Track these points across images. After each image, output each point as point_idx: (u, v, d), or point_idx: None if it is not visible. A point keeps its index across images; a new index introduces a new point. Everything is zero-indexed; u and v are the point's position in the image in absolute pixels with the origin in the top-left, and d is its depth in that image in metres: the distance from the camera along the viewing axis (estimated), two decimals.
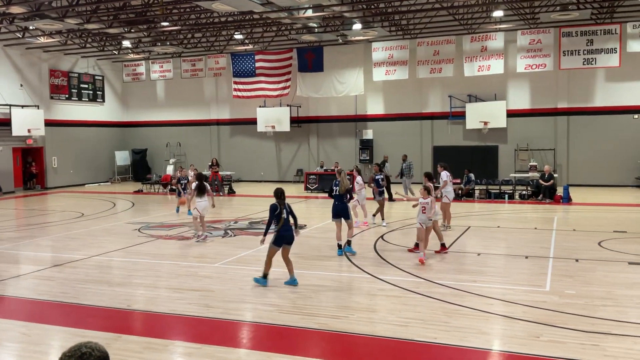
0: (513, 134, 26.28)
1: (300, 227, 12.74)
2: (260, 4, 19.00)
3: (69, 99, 30.42)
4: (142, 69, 31.51)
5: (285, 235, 9.19)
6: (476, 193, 21.89)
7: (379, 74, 26.37)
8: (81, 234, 15.04)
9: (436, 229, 11.68)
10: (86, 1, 19.71)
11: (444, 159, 18.57)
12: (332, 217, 11.96)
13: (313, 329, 7.22)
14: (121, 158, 33.30)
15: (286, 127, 29.05)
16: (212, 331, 7.32)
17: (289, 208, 9.37)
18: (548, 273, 9.85)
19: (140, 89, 33.38)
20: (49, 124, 28.48)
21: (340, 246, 11.70)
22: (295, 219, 9.55)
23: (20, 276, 10.45)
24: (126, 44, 26.81)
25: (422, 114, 27.93)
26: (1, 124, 26.34)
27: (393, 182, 21.81)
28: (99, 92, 32.39)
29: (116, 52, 29.07)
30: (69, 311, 8.26)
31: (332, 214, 11.93)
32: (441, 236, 11.87)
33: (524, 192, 21.62)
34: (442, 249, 11.72)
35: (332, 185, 12.19)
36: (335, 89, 28.03)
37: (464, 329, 7.04)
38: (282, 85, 28.99)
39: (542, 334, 6.86)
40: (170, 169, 29.81)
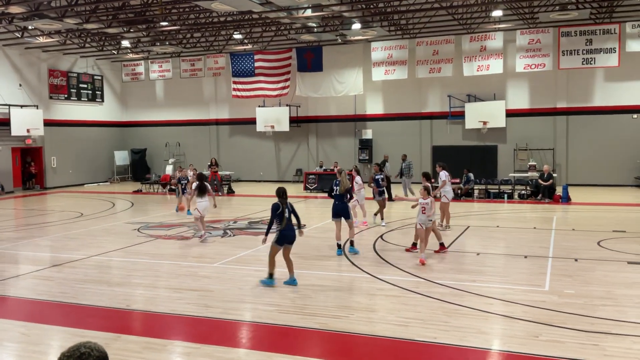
0: (512, 134, 26.29)
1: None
2: (260, 4, 18.99)
3: (68, 98, 30.40)
4: (141, 68, 31.51)
5: (287, 234, 9.19)
6: (475, 193, 21.89)
7: (378, 74, 26.37)
8: (80, 233, 15.04)
9: (434, 228, 11.69)
10: (85, 1, 19.69)
11: (443, 158, 18.56)
12: (332, 216, 11.97)
13: (312, 328, 7.22)
14: (120, 158, 33.29)
15: (285, 127, 29.04)
16: (212, 331, 7.32)
17: (291, 207, 9.36)
18: (547, 273, 9.86)
19: (139, 88, 33.36)
20: (48, 123, 28.47)
21: (340, 246, 11.71)
22: (298, 218, 9.55)
23: (20, 276, 10.44)
24: (125, 43, 26.79)
25: (421, 113, 27.92)
26: (0, 123, 26.32)
27: (393, 182, 21.78)
28: (98, 92, 32.37)
29: (115, 52, 29.06)
30: (68, 311, 8.25)
31: (332, 213, 11.94)
32: (439, 235, 11.88)
33: (523, 192, 21.61)
34: (441, 248, 11.72)
35: (332, 185, 12.19)
36: (335, 88, 28.01)
37: (463, 329, 7.04)
38: (281, 85, 28.98)
39: (541, 333, 6.86)
40: (170, 169, 29.77)
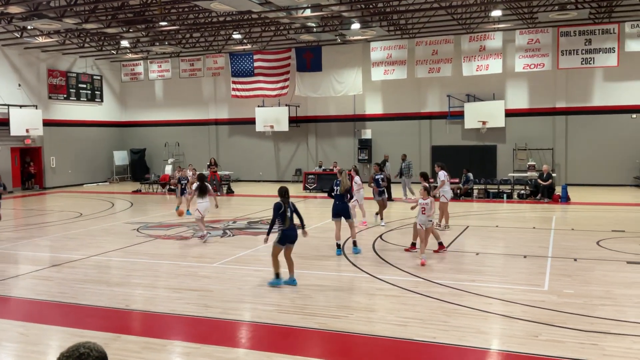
0: (511, 134, 26.30)
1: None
2: (259, 4, 18.98)
3: (67, 98, 30.38)
4: (140, 68, 31.49)
5: (289, 234, 9.17)
6: (475, 192, 21.89)
7: (378, 74, 26.37)
8: (79, 233, 15.03)
9: (432, 229, 11.68)
10: (84, 1, 19.68)
11: (442, 158, 18.57)
12: (332, 216, 11.98)
13: (312, 328, 7.22)
14: (119, 158, 33.27)
15: (285, 126, 29.03)
16: (211, 331, 7.31)
17: (293, 207, 9.34)
18: (546, 272, 9.86)
19: (138, 88, 33.34)
20: (47, 123, 28.46)
21: (339, 246, 11.71)
22: (301, 218, 9.53)
23: (19, 276, 10.44)
24: (124, 43, 26.78)
25: (420, 113, 27.93)
26: None
27: (392, 182, 21.76)
28: (97, 92, 32.35)
29: (114, 52, 29.05)
30: (68, 311, 8.25)
31: (332, 213, 11.96)
32: (437, 235, 11.87)
33: (522, 192, 21.61)
34: (440, 247, 11.72)
35: (332, 185, 12.20)
36: (334, 88, 28.01)
37: (462, 329, 7.04)
38: (280, 85, 28.98)
39: (540, 333, 6.86)
40: (169, 169, 29.75)
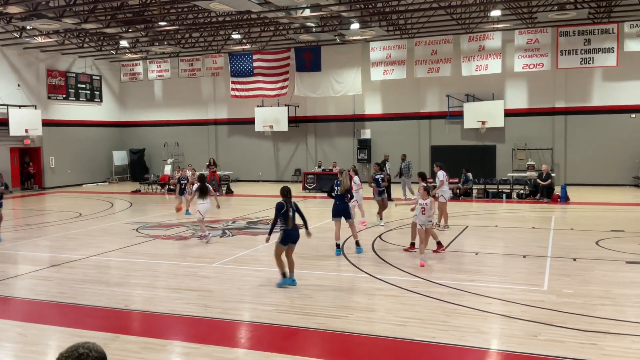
0: (511, 134, 26.31)
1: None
2: (258, 4, 18.97)
3: (66, 98, 30.36)
4: (139, 68, 31.49)
5: (291, 234, 9.16)
6: (474, 192, 21.90)
7: (377, 74, 26.37)
8: (79, 234, 15.02)
9: (430, 229, 11.67)
10: (83, 1, 19.67)
11: (441, 158, 18.57)
12: (332, 216, 11.99)
13: (312, 328, 7.21)
14: (119, 158, 33.25)
15: (284, 126, 29.03)
16: (211, 331, 7.31)
17: (295, 207, 9.33)
18: (546, 272, 9.86)
19: (137, 88, 33.33)
20: (47, 123, 28.44)
21: (339, 246, 11.71)
22: (304, 218, 9.51)
23: (18, 276, 10.43)
24: (124, 43, 26.77)
25: (419, 113, 27.93)
26: None
27: (392, 182, 21.73)
28: (96, 92, 32.33)
29: (114, 52, 29.04)
30: (67, 311, 8.24)
31: (333, 213, 11.96)
32: (435, 235, 11.87)
33: (521, 192, 21.62)
34: (439, 247, 11.71)
35: (332, 185, 12.20)
36: (333, 88, 28.01)
37: (462, 328, 7.04)
38: (279, 85, 28.97)
39: (540, 333, 6.86)
40: (168, 169, 29.73)
